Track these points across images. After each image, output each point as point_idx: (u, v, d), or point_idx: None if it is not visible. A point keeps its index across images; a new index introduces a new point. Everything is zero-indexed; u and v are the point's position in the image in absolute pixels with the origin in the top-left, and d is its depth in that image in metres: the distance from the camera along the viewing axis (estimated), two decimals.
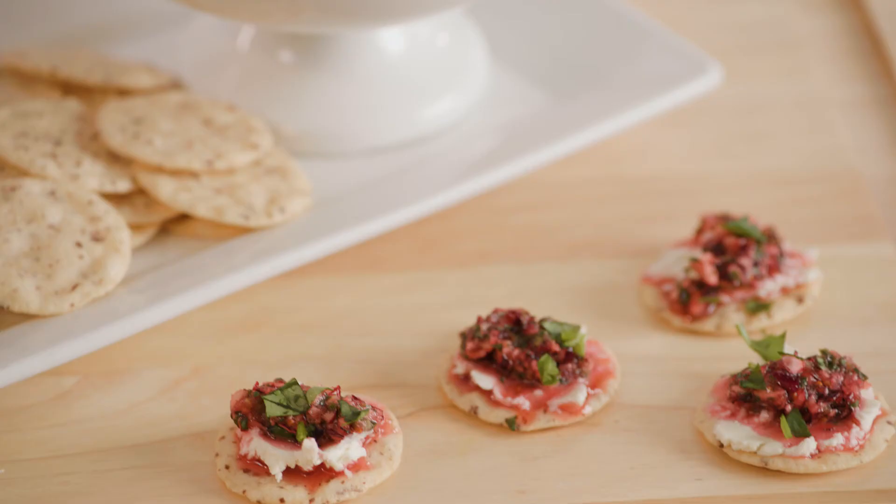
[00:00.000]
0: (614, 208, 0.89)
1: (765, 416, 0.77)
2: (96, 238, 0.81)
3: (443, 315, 0.83)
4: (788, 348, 0.79)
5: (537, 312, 0.83)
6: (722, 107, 0.95)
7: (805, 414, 0.76)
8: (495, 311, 0.80)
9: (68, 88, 0.90)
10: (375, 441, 0.76)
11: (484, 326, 0.79)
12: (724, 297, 0.82)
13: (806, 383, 0.76)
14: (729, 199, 0.89)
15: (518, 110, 0.92)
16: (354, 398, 0.76)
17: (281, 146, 0.89)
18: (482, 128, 0.91)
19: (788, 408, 0.76)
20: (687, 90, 0.90)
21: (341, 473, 0.75)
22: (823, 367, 0.77)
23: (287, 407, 0.75)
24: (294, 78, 0.89)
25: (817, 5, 1.01)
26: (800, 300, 0.83)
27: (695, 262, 0.82)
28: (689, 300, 0.82)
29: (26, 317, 0.79)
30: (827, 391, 0.76)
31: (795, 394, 0.76)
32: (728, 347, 0.81)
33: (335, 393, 0.75)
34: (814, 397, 0.76)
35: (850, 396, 0.76)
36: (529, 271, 0.85)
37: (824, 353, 0.78)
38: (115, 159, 0.85)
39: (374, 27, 0.87)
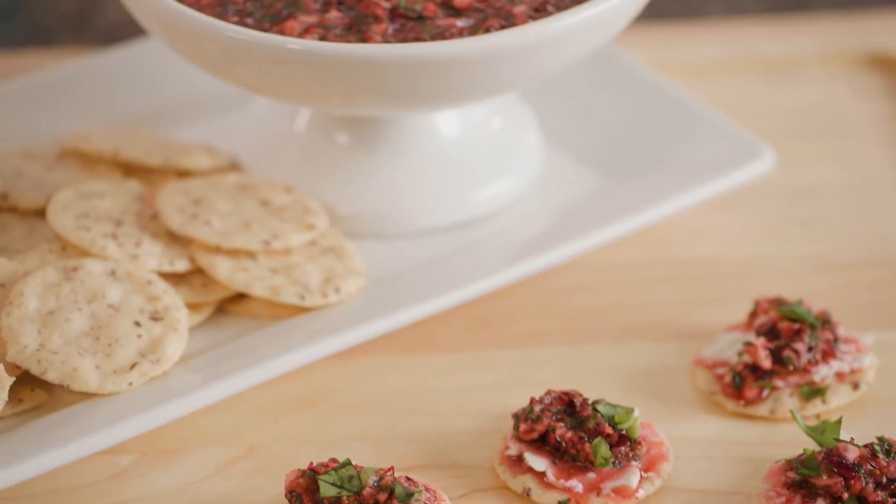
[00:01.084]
0: (667, 291, 0.89)
1: (821, 503, 0.76)
2: (155, 317, 0.82)
3: (495, 396, 0.83)
4: (844, 435, 0.79)
5: (590, 394, 0.83)
6: (774, 191, 0.95)
7: (862, 502, 0.76)
8: (548, 393, 0.80)
9: (129, 170, 0.91)
10: None
11: (537, 408, 0.80)
12: (779, 382, 0.82)
13: (863, 471, 0.76)
14: (782, 283, 0.89)
15: (570, 192, 0.93)
16: (408, 479, 0.76)
17: (336, 227, 0.90)
18: (535, 209, 0.92)
19: (845, 496, 0.76)
20: (740, 174, 0.90)
21: None
22: (881, 455, 0.76)
23: (341, 487, 0.75)
24: (349, 160, 0.91)
25: (869, 91, 1.02)
26: (855, 386, 0.83)
27: (748, 346, 0.82)
28: (742, 384, 0.82)
29: (85, 395, 0.80)
30: (885, 479, 0.76)
31: (852, 481, 0.76)
32: (782, 432, 0.81)
33: (389, 473, 0.76)
34: (871, 485, 0.76)
35: None
36: (582, 353, 0.86)
37: (881, 440, 0.77)
38: (174, 239, 0.86)
39: (429, 111, 0.88)
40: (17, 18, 1.08)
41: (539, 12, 0.84)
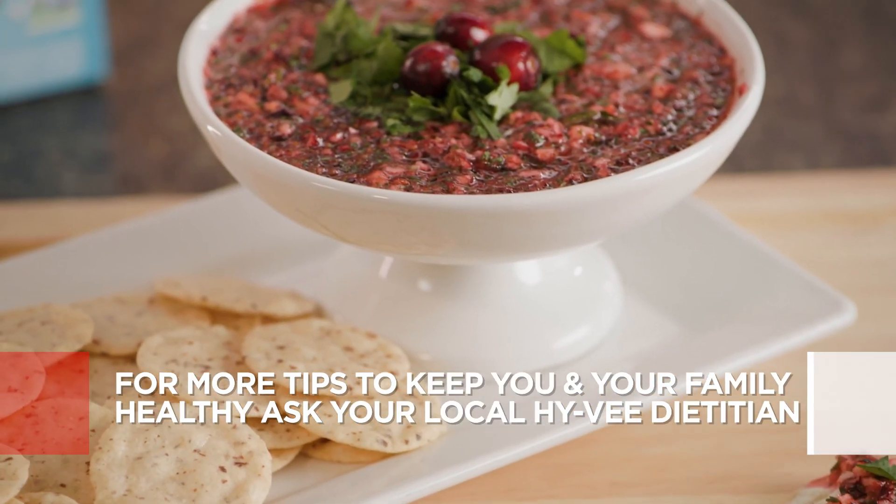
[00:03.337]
0: (749, 443, 0.89)
1: None
2: (239, 462, 0.83)
3: None
4: None
5: None
6: (855, 344, 0.95)
7: None
8: None
9: (217, 315, 0.93)
10: None
11: None
12: None
13: None
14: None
15: (649, 341, 0.93)
16: None
17: (417, 373, 0.91)
18: (614, 358, 0.92)
19: None
20: (820, 328, 0.90)
21: None
22: None
23: None
24: (431, 306, 0.92)
25: None
26: None
27: (833, 503, 0.82)
28: None
29: None
30: None
31: None
32: None
33: None
34: None
35: None
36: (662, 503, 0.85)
37: None
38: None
39: (511, 260, 0.89)
40: (110, 168, 1.11)
41: (621, 165, 0.85)
